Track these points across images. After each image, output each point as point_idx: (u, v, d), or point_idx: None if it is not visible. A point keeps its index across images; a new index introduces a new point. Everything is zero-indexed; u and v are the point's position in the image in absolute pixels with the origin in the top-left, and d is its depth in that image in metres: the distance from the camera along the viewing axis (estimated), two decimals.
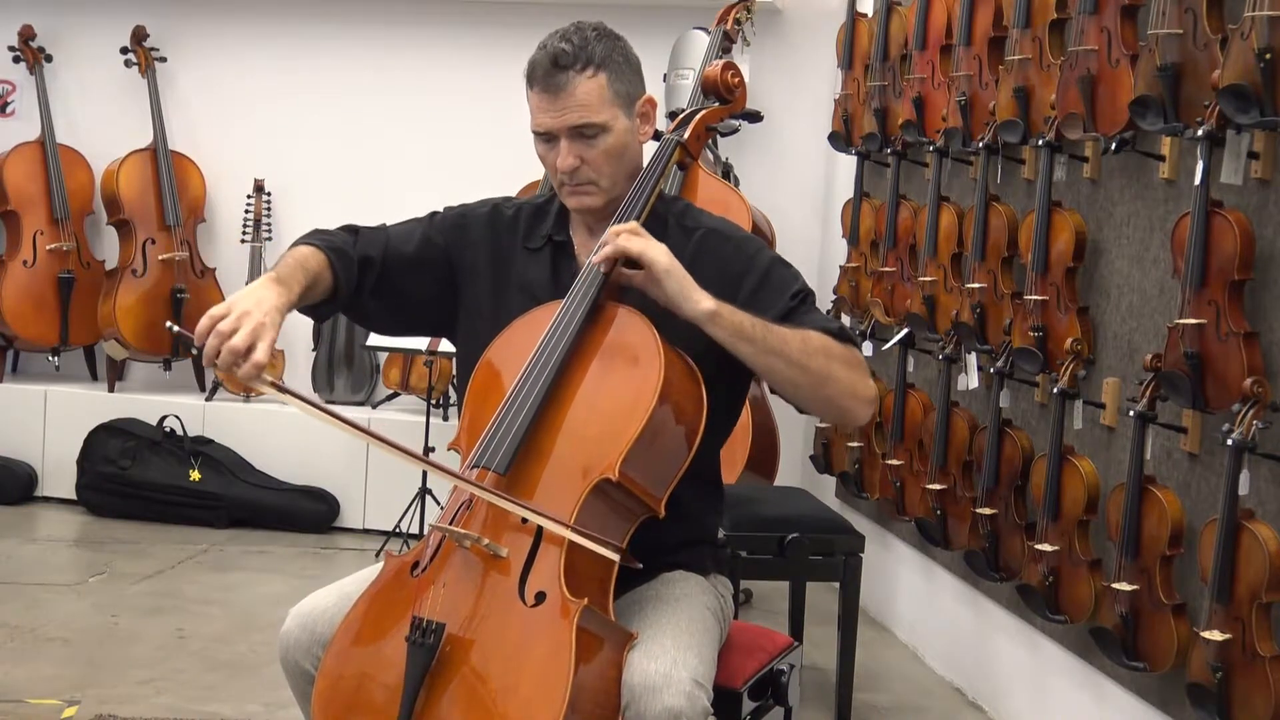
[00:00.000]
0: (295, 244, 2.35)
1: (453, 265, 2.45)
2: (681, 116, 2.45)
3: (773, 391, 2.59)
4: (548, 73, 2.27)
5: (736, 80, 2.46)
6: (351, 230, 2.43)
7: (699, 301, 2.17)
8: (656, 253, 2.19)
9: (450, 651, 2.05)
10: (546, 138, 2.32)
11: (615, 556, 2.11)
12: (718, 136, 5.25)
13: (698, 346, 2.22)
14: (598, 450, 2.13)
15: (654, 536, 2.22)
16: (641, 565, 2.19)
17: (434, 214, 2.51)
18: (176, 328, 2.16)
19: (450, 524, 2.17)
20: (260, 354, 2.06)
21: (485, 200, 2.53)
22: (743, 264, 2.34)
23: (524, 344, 2.25)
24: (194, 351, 2.09)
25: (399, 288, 2.42)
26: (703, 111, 2.45)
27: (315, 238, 2.36)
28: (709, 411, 2.22)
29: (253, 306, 2.10)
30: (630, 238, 2.20)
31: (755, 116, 4.83)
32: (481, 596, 2.09)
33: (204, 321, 2.08)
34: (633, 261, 2.21)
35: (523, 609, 2.05)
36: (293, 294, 2.21)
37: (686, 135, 2.41)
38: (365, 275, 2.39)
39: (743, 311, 2.20)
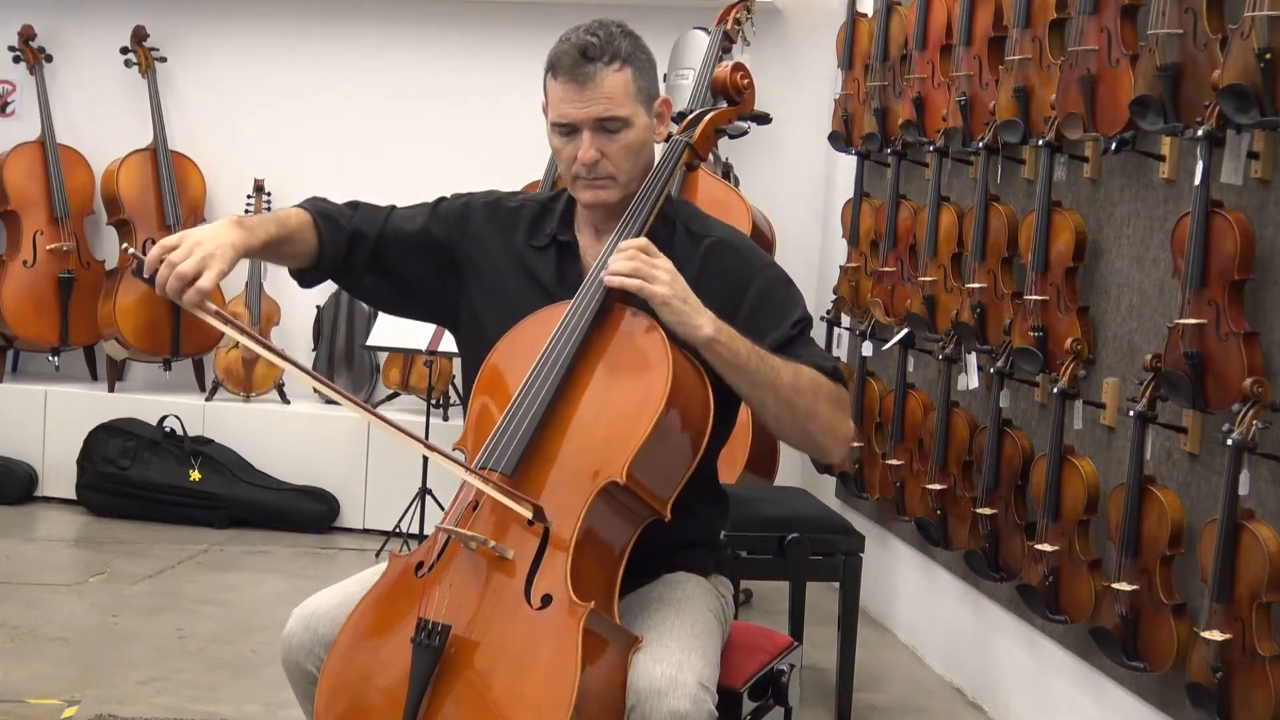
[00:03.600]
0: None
1: (454, 258, 2.44)
2: (690, 118, 2.44)
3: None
4: (575, 63, 2.25)
5: (745, 81, 2.45)
6: (353, 205, 2.45)
7: (699, 328, 2.15)
8: (654, 288, 2.16)
9: (455, 653, 2.04)
10: (566, 129, 2.29)
11: (529, 513, 2.05)
12: (726, 138, 5.24)
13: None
14: (606, 453, 2.12)
15: (656, 538, 2.22)
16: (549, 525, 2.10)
17: (440, 201, 2.51)
18: (131, 249, 2.22)
19: (456, 525, 2.16)
20: (206, 281, 2.12)
21: (490, 191, 2.52)
22: (747, 277, 2.33)
23: (531, 344, 2.23)
24: (145, 277, 2.17)
25: (395, 268, 2.43)
26: (712, 113, 2.43)
27: (309, 202, 2.40)
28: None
29: (205, 239, 2.17)
30: (626, 278, 2.16)
31: (764, 119, 4.80)
32: (487, 598, 2.08)
33: (155, 250, 2.14)
34: None
35: (529, 612, 2.05)
36: (254, 239, 2.25)
37: (695, 136, 2.40)
38: (356, 249, 2.40)
39: (741, 338, 2.18)
